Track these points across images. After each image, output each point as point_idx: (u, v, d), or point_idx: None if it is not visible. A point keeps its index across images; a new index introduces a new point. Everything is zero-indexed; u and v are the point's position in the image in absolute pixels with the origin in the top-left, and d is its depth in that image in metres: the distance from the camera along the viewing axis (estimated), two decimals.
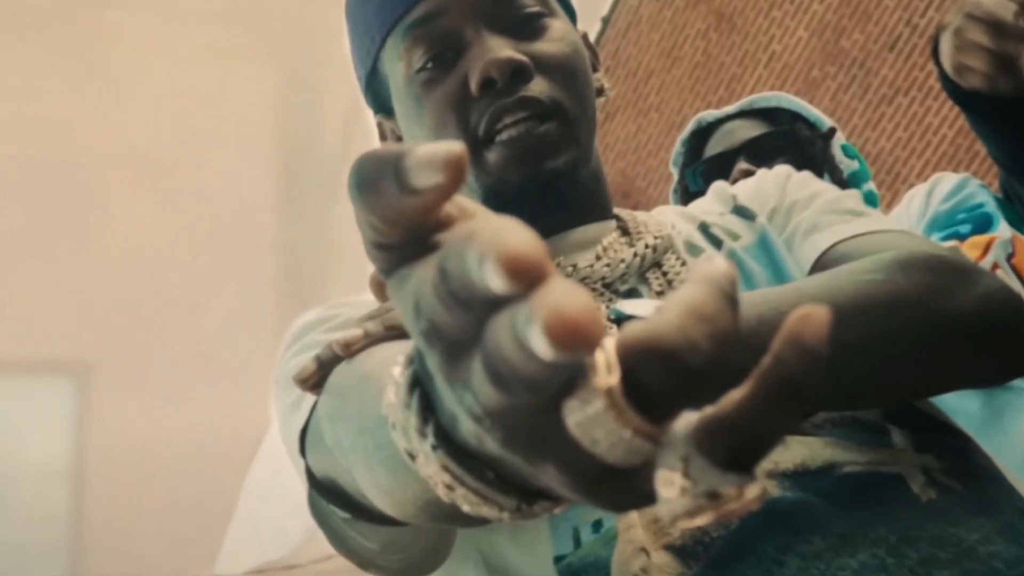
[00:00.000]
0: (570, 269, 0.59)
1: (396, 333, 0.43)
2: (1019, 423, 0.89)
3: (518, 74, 0.59)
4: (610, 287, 0.60)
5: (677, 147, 1.33)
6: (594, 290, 0.59)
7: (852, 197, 0.65)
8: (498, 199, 0.60)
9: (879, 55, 3.76)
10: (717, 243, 0.64)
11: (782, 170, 0.70)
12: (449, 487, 0.23)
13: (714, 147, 1.26)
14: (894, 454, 0.52)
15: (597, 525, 0.51)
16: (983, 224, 1.03)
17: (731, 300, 0.19)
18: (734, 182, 0.73)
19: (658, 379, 0.18)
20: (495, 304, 0.18)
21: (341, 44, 0.70)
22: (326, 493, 0.47)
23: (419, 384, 0.23)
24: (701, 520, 0.19)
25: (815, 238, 0.61)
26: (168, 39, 4.65)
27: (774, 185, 0.68)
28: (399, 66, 0.63)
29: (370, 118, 0.71)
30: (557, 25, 0.63)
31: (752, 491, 0.19)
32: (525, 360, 0.18)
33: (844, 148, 1.26)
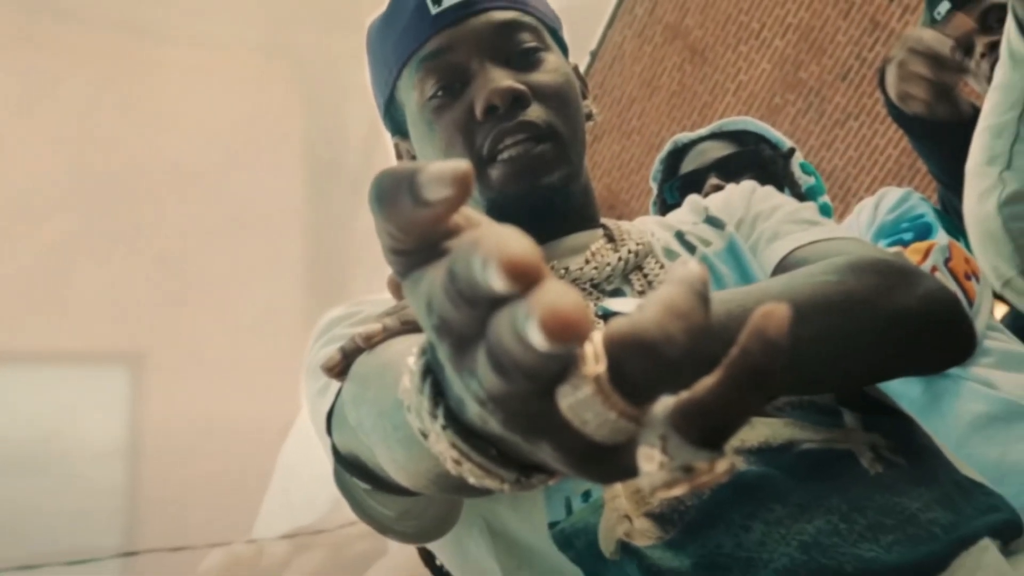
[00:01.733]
0: (563, 271, 0.59)
1: (411, 327, 0.43)
2: (955, 406, 0.89)
3: (517, 101, 0.59)
4: (597, 287, 0.60)
5: (656, 165, 1.33)
6: (583, 290, 0.59)
7: (809, 209, 0.65)
8: (500, 210, 0.60)
9: (833, 84, 3.76)
10: (691, 249, 0.64)
11: (748, 185, 0.70)
12: (457, 462, 0.23)
13: (688, 165, 1.26)
14: (846, 433, 0.52)
15: (586, 495, 0.51)
16: (924, 232, 1.03)
17: (703, 299, 0.19)
18: (706, 195, 0.73)
19: (640, 368, 0.18)
20: (497, 302, 0.18)
21: (362, 74, 0.70)
22: (349, 468, 0.47)
23: (431, 372, 0.23)
24: (677, 491, 0.19)
25: (777, 244, 0.61)
26: (208, 68, 4.64)
27: (741, 198, 0.68)
28: (413, 94, 0.63)
29: (388, 140, 0.71)
30: (551, 58, 0.63)
31: (722, 465, 0.19)
32: (523, 351, 0.18)
33: (802, 166, 1.26)
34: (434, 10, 0.61)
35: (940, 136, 0.98)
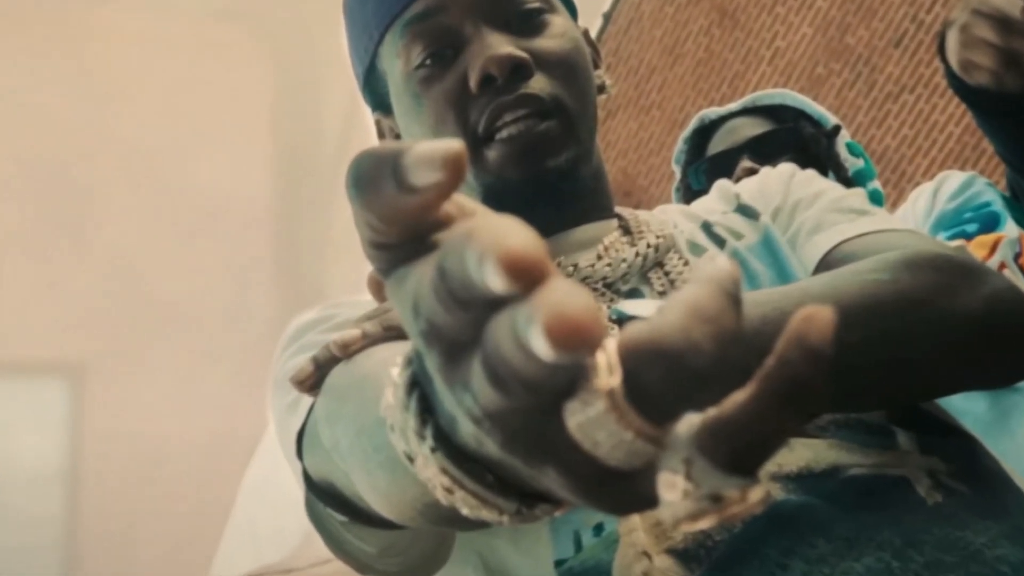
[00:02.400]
0: (571, 269, 0.59)
1: (394, 334, 0.43)
2: None
3: (518, 71, 0.59)
4: (611, 287, 0.60)
5: (679, 145, 1.33)
6: (595, 290, 0.59)
7: (857, 196, 0.65)
8: (498, 198, 0.60)
9: (884, 52, 3.77)
10: (720, 242, 0.64)
11: (786, 168, 0.70)
12: (448, 490, 0.23)
13: (717, 145, 1.26)
14: (899, 456, 0.52)
15: (598, 528, 0.51)
16: (990, 223, 1.03)
17: (734, 300, 0.19)
18: (737, 180, 0.73)
19: (660, 380, 0.18)
20: (495, 304, 0.18)
21: (339, 41, 0.70)
22: (323, 496, 0.47)
23: (418, 385, 0.23)
24: (704, 523, 0.19)
25: (819, 237, 0.61)
26: (163, 36, 4.65)
27: (778, 183, 0.68)
28: (397, 63, 0.63)
29: (368, 116, 0.71)
30: (558, 21, 0.63)
31: (755, 494, 0.19)
32: (525, 361, 0.18)
33: (849, 146, 1.26)
34: None
35: (1009, 111, 0.98)
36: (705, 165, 1.24)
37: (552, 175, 0.60)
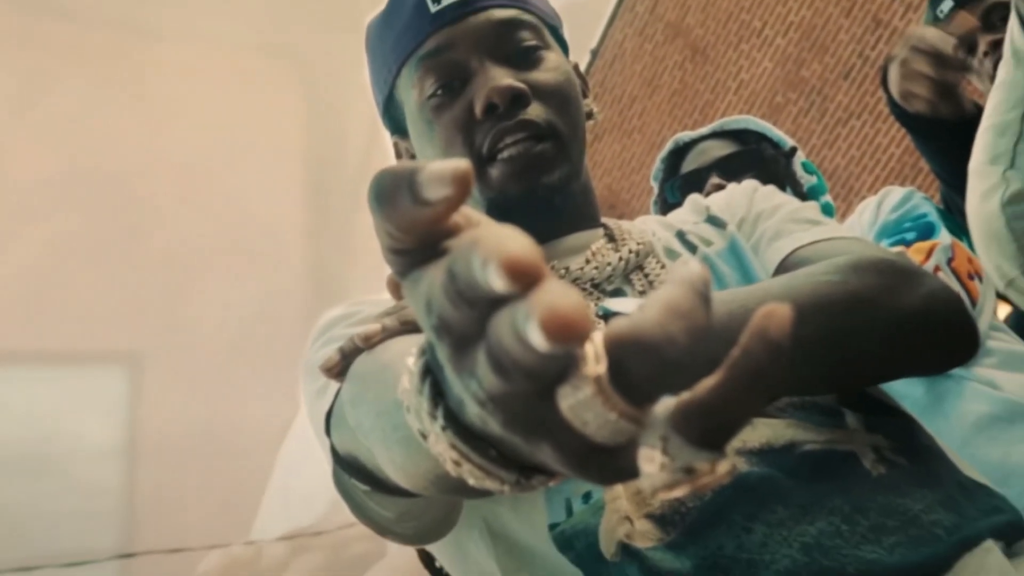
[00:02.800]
0: (563, 271, 0.59)
1: (410, 328, 0.43)
2: (958, 407, 0.89)
3: (517, 100, 0.59)
4: (598, 287, 0.60)
5: (657, 164, 1.33)
6: (584, 290, 0.59)
7: (811, 208, 0.65)
8: (500, 210, 0.60)
9: (835, 83, 3.77)
10: (692, 248, 0.64)
11: (749, 184, 0.70)
12: (456, 463, 0.23)
13: (690, 164, 1.26)
14: (848, 434, 0.52)
15: (587, 496, 0.51)
16: (926, 231, 1.03)
17: (705, 299, 0.19)
18: (707, 195, 0.73)
19: (640, 368, 0.18)
20: (497, 302, 0.18)
21: (362, 73, 0.70)
22: (348, 469, 0.47)
23: (430, 372, 0.23)
24: (678, 492, 0.19)
25: (778, 244, 0.61)
26: (209, 67, 4.64)
27: (742, 197, 0.68)
28: (413, 93, 0.63)
29: (387, 139, 0.71)
30: (552, 57, 0.63)
31: (723, 467, 0.19)
32: (523, 351, 0.18)
33: (804, 165, 1.26)
34: (433, 8, 0.61)
35: (943, 135, 0.98)
36: (679, 182, 1.24)
37: (547, 190, 0.60)
